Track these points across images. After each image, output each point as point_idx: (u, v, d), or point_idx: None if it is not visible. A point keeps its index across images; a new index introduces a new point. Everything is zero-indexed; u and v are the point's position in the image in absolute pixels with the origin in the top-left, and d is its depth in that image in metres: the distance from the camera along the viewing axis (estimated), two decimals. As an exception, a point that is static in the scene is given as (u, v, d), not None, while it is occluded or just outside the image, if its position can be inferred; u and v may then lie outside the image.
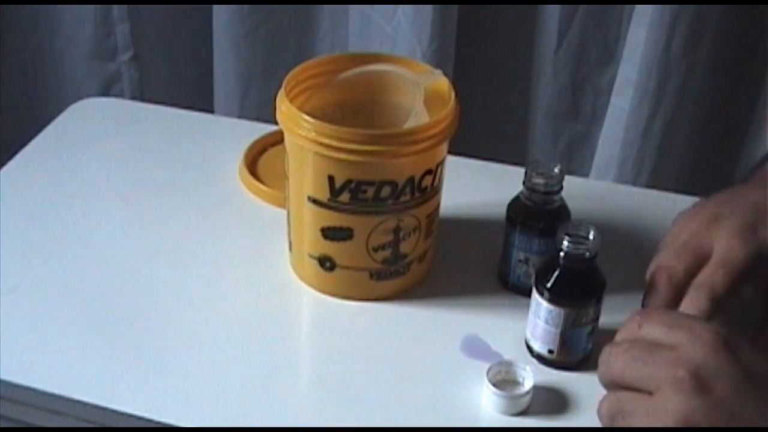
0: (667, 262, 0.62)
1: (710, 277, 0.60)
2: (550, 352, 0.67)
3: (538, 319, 0.66)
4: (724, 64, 1.10)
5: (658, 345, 0.51)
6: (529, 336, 0.68)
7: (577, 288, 0.65)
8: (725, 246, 0.60)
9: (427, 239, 0.74)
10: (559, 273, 0.64)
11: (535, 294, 0.66)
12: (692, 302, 0.60)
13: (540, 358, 0.68)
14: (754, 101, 1.11)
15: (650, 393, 0.50)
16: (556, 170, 0.70)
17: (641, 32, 1.07)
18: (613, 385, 0.53)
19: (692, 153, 1.16)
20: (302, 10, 1.26)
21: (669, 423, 0.48)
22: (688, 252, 0.61)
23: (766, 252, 0.60)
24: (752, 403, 0.48)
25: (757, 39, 1.07)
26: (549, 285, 0.64)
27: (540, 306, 0.66)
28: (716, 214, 0.63)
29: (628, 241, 0.80)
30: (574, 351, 0.67)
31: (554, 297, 0.64)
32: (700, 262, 0.61)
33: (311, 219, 0.70)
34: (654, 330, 0.52)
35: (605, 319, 0.67)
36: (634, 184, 1.13)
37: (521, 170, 0.72)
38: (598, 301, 0.65)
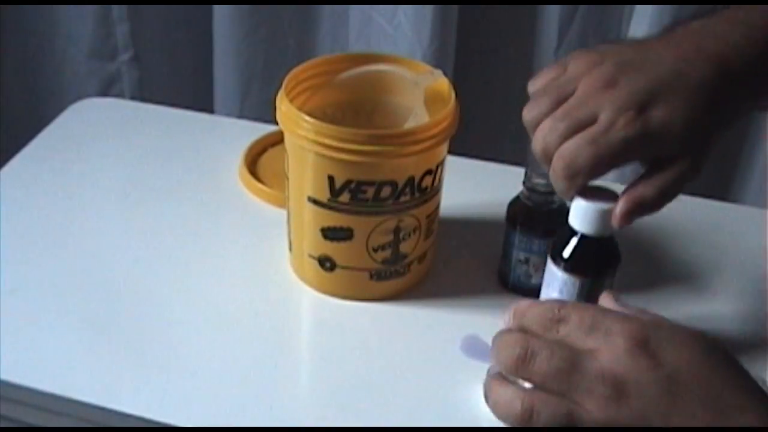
0: (545, 124, 0.59)
1: (576, 150, 0.57)
2: None
3: (552, 291, 0.64)
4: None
5: (579, 354, 0.49)
6: None
7: (593, 258, 0.63)
8: (606, 122, 0.56)
9: (427, 239, 0.74)
10: (578, 241, 0.63)
11: (550, 265, 0.64)
12: (554, 174, 0.58)
13: None
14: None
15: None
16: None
17: (641, 32, 1.07)
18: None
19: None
20: (302, 10, 1.26)
21: None
22: (570, 118, 0.57)
23: (650, 132, 0.56)
24: (677, 406, 0.47)
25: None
26: (566, 256, 0.63)
27: (554, 277, 0.64)
28: (614, 79, 0.58)
29: (626, 240, 0.80)
30: None
31: (571, 266, 0.63)
32: (576, 128, 0.57)
33: (311, 219, 0.70)
34: (572, 333, 0.51)
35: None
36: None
37: (521, 170, 0.72)
38: (613, 275, 0.64)
